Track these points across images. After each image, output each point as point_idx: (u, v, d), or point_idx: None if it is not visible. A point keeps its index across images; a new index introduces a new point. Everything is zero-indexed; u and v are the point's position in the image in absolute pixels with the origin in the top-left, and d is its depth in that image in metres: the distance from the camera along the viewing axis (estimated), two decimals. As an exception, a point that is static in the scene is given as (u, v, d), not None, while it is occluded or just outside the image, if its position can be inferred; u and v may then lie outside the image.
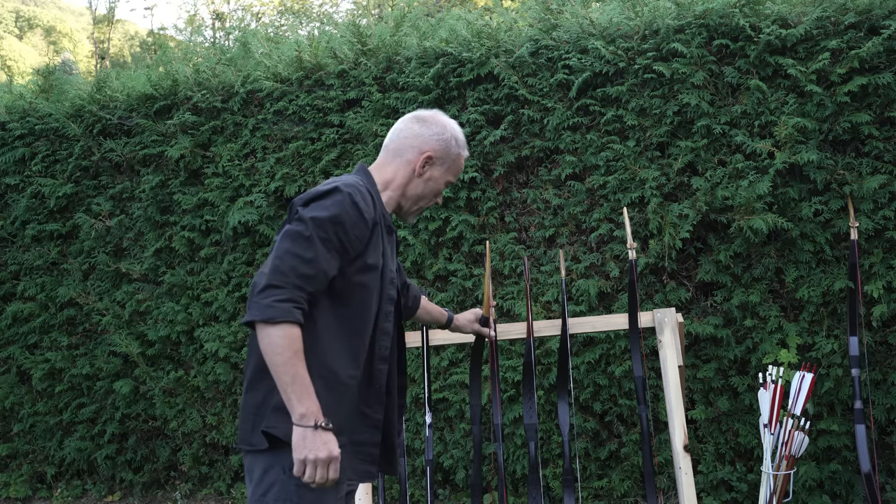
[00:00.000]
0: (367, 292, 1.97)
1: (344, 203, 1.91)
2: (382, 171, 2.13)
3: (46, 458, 5.14)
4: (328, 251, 1.88)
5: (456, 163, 2.19)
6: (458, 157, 2.19)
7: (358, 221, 1.93)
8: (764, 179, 3.68)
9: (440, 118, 2.17)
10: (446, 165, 2.16)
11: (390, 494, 4.39)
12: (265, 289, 1.81)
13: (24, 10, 52.23)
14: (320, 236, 1.87)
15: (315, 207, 1.91)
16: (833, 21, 3.69)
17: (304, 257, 1.84)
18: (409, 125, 2.15)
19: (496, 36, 4.32)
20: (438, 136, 2.13)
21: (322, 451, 1.79)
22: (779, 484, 3.32)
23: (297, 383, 1.80)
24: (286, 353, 1.79)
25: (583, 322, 3.41)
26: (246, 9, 17.48)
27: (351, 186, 1.96)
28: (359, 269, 1.94)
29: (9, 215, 5.18)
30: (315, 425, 1.79)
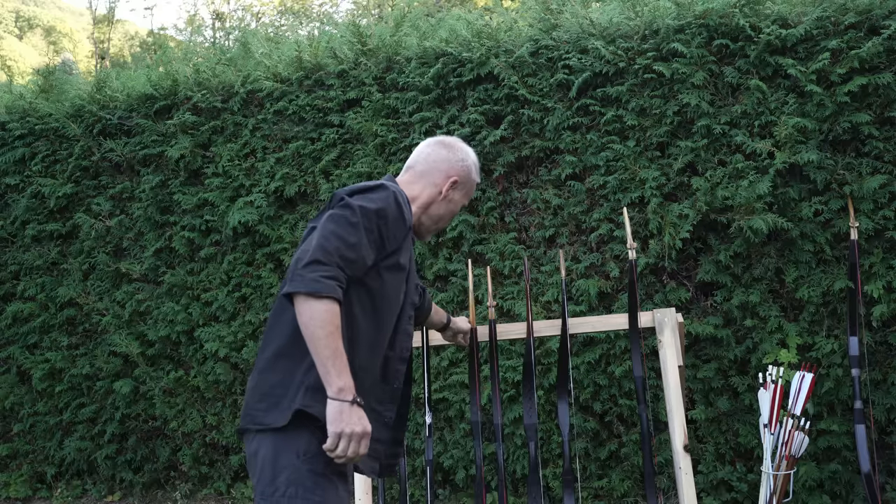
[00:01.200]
0: (394, 290, 2.03)
1: (389, 199, 1.99)
2: (411, 188, 2.21)
3: (46, 458, 5.14)
4: (369, 241, 1.93)
5: (472, 188, 2.33)
6: (474, 182, 2.33)
7: (399, 220, 2.01)
8: (764, 179, 3.68)
9: (462, 145, 2.31)
10: (465, 190, 2.29)
11: (390, 494, 4.39)
12: (311, 263, 1.83)
13: (24, 10, 52.24)
14: (365, 225, 1.92)
15: (363, 198, 1.97)
16: (833, 21, 3.69)
17: (349, 241, 1.89)
18: (436, 149, 2.26)
19: (496, 36, 4.32)
20: (463, 163, 2.26)
21: (357, 426, 1.82)
22: (779, 484, 3.32)
23: (337, 357, 1.82)
24: (328, 326, 1.81)
25: (583, 322, 3.41)
26: (246, 9, 17.49)
27: (394, 186, 2.06)
28: (390, 267, 2.00)
29: (9, 215, 5.18)
30: (353, 400, 1.82)
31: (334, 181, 4.49)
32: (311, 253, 1.85)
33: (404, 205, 2.04)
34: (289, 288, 1.82)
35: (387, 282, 2.00)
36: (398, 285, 2.04)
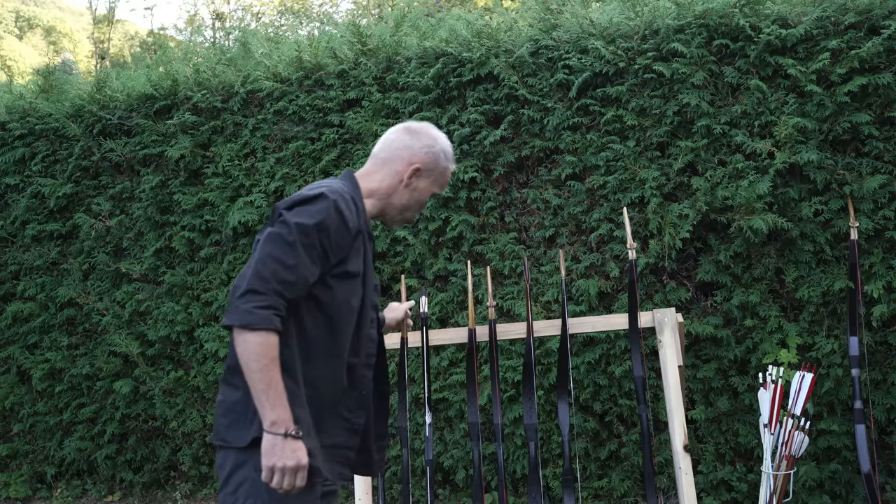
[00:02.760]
0: (347, 298, 1.97)
1: (329, 210, 1.91)
2: (369, 178, 2.14)
3: (46, 458, 5.14)
4: (310, 258, 1.88)
5: (443, 175, 2.20)
6: (446, 170, 2.19)
7: (342, 229, 1.93)
8: (764, 179, 3.68)
9: (431, 131, 2.18)
10: (433, 177, 2.17)
11: (390, 494, 4.39)
12: (246, 293, 1.81)
13: (24, 10, 52.23)
14: (303, 242, 1.86)
15: (300, 213, 1.90)
16: (833, 21, 3.69)
17: (286, 263, 1.84)
18: (400, 136, 2.16)
19: (496, 36, 4.32)
20: (428, 149, 2.14)
21: (290, 460, 1.80)
22: (779, 484, 3.32)
23: (271, 390, 1.80)
24: (263, 360, 1.80)
25: (583, 322, 3.41)
26: (246, 9, 17.48)
27: (336, 193, 1.96)
28: (339, 277, 1.95)
29: (9, 215, 5.18)
30: (285, 433, 1.80)
31: (334, 181, 4.49)
32: (247, 281, 1.82)
33: (347, 210, 1.95)
34: (225, 320, 1.84)
35: (337, 291, 1.95)
36: (351, 292, 1.99)
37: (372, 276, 2.09)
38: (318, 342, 1.95)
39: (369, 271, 2.06)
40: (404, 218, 2.20)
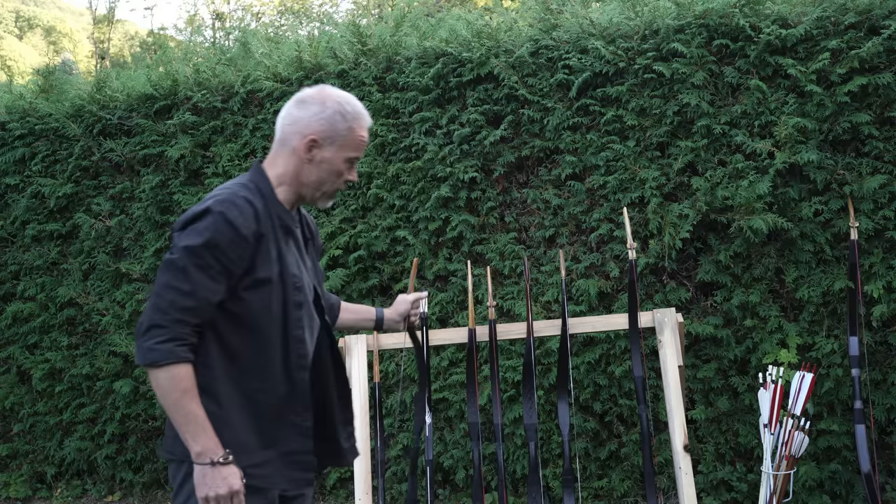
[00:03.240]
0: (264, 307, 1.90)
1: (217, 224, 1.83)
2: (275, 165, 2.00)
3: (46, 458, 5.14)
4: (209, 278, 1.82)
5: (349, 137, 1.98)
6: (350, 130, 1.98)
7: (235, 240, 1.84)
8: (764, 179, 3.68)
9: (321, 95, 1.99)
10: (337, 143, 1.97)
11: (390, 494, 4.39)
12: (147, 330, 1.79)
13: (24, 10, 52.23)
14: (197, 264, 1.80)
15: (189, 234, 1.84)
16: (833, 21, 3.69)
17: (182, 290, 1.80)
18: (289, 111, 2.00)
19: (496, 36, 4.32)
20: (318, 116, 1.95)
21: (222, 488, 1.79)
22: (779, 484, 3.32)
23: (189, 422, 1.79)
24: (174, 394, 1.78)
25: (583, 322, 3.41)
26: (246, 9, 17.48)
27: (225, 202, 1.86)
28: (249, 286, 1.88)
29: (9, 215, 5.18)
30: (212, 462, 1.79)
31: (334, 181, 4.49)
32: (147, 316, 1.80)
33: (240, 217, 1.85)
34: (136, 360, 1.84)
35: (252, 301, 1.88)
36: (268, 299, 1.90)
37: (293, 273, 1.96)
38: (246, 356, 1.90)
39: (287, 270, 1.95)
40: (325, 194, 2.03)
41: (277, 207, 1.97)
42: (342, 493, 4.53)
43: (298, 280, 1.97)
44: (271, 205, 1.96)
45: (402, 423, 4.40)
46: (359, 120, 2.00)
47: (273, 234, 1.93)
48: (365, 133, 2.02)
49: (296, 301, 1.95)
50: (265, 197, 1.95)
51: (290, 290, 1.94)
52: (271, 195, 1.97)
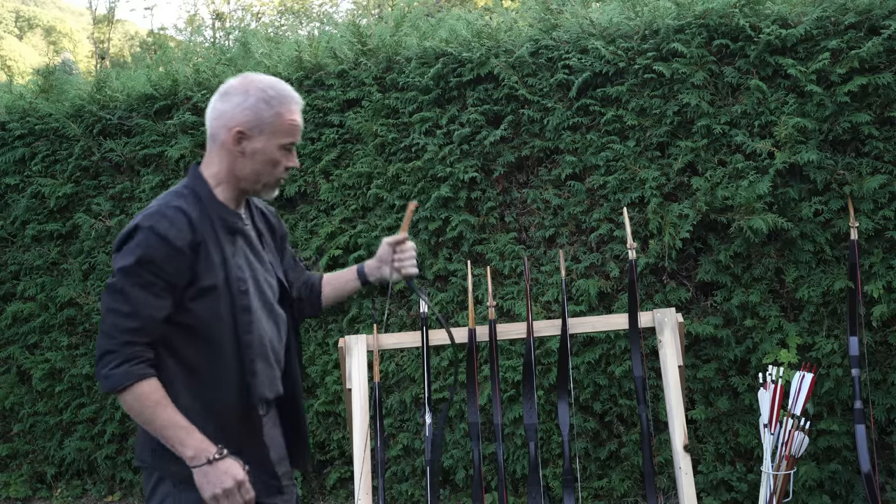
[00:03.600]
0: (214, 315, 1.87)
1: (148, 240, 1.80)
2: (210, 164, 1.95)
3: (46, 458, 5.14)
4: (151, 295, 1.79)
5: (277, 123, 1.90)
6: (277, 116, 1.90)
7: (170, 253, 1.80)
8: (764, 179, 3.68)
9: (243, 84, 1.92)
10: (266, 132, 1.89)
11: (390, 495, 4.39)
12: (101, 358, 1.79)
13: (24, 10, 52.23)
14: (135, 283, 1.78)
15: (123, 254, 1.82)
16: (833, 21, 3.69)
17: (123, 311, 1.78)
18: (214, 105, 1.94)
19: (496, 36, 4.32)
20: (242, 106, 1.89)
21: (227, 481, 1.78)
22: (779, 484, 3.32)
23: (172, 430, 1.78)
24: (146, 411, 1.78)
25: (583, 322, 3.41)
26: (246, 9, 17.49)
27: (154, 216, 1.83)
28: (194, 296, 1.84)
29: (9, 215, 5.18)
30: (209, 461, 1.78)
31: (334, 181, 4.50)
32: (98, 345, 1.80)
33: (172, 228, 1.81)
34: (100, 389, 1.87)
35: (201, 311, 1.85)
36: (216, 306, 1.86)
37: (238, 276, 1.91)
38: (203, 366, 1.87)
39: (233, 273, 1.90)
40: (266, 185, 1.96)
41: (218, 209, 1.92)
42: (342, 493, 4.53)
43: (244, 283, 1.91)
44: (211, 207, 1.91)
45: (402, 423, 4.40)
46: (285, 104, 1.91)
47: (215, 238, 1.89)
48: (295, 116, 1.93)
49: (242, 306, 1.90)
50: (203, 200, 1.91)
51: (236, 295, 1.89)
52: (210, 197, 1.92)
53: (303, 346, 4.55)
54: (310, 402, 4.54)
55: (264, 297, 1.99)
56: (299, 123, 1.95)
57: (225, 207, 1.94)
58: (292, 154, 1.96)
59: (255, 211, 2.09)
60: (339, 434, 4.51)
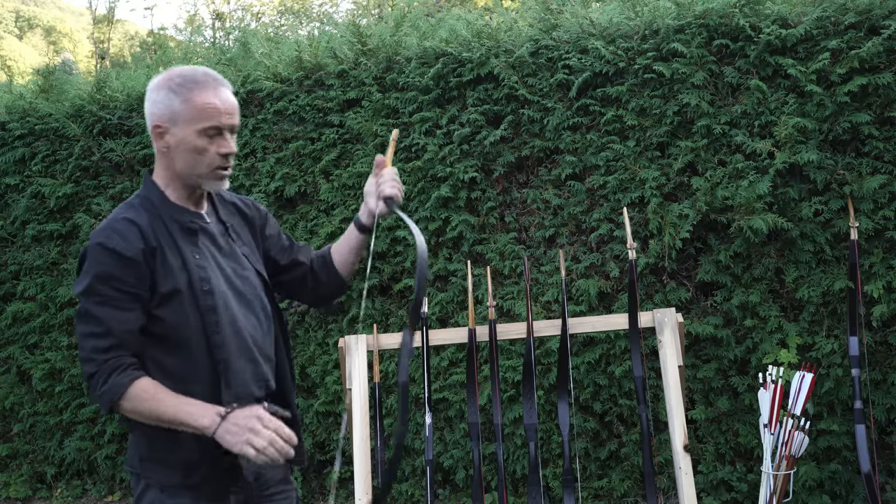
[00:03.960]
0: (181, 318, 1.84)
1: (99, 258, 1.79)
2: (157, 168, 1.93)
3: (46, 458, 5.14)
4: (116, 309, 1.78)
5: (188, 110, 1.83)
6: (187, 102, 1.83)
7: (123, 266, 1.79)
8: (764, 179, 3.68)
9: (157, 80, 1.88)
10: (183, 120, 1.83)
11: (390, 495, 4.39)
12: (89, 382, 1.79)
13: (24, 10, 52.24)
14: (98, 303, 1.78)
15: (80, 277, 1.82)
16: (833, 21, 3.69)
17: (97, 332, 1.77)
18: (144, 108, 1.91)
19: (496, 36, 4.32)
20: (154, 101, 1.86)
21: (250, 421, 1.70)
22: (779, 484, 3.32)
23: (178, 412, 1.75)
24: (147, 408, 1.76)
25: (583, 322, 3.41)
26: (246, 9, 17.48)
27: (102, 232, 1.82)
28: (159, 304, 1.83)
29: (9, 215, 5.18)
30: (222, 417, 1.72)
31: (334, 181, 4.50)
32: (83, 371, 1.80)
33: (120, 241, 1.80)
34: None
35: (167, 317, 1.83)
36: (181, 310, 1.83)
37: (202, 276, 1.87)
38: (183, 374, 1.85)
39: (195, 275, 1.86)
40: (203, 176, 1.89)
41: (172, 211, 1.90)
42: (342, 494, 4.53)
43: (206, 283, 1.87)
44: (165, 211, 1.89)
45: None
46: (194, 89, 1.84)
47: (172, 242, 1.86)
48: (208, 96, 1.84)
49: (207, 306, 1.86)
50: (156, 205, 1.89)
51: (200, 296, 1.86)
52: (162, 200, 1.90)
53: (303, 347, 4.56)
54: (310, 402, 4.54)
55: (239, 293, 1.94)
56: (216, 104, 1.85)
57: (179, 208, 1.92)
58: (224, 139, 1.87)
59: (222, 205, 2.04)
60: (340, 434, 4.51)
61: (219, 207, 2.02)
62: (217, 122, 1.85)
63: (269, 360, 2.00)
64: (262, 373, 1.96)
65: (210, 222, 1.97)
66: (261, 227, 2.10)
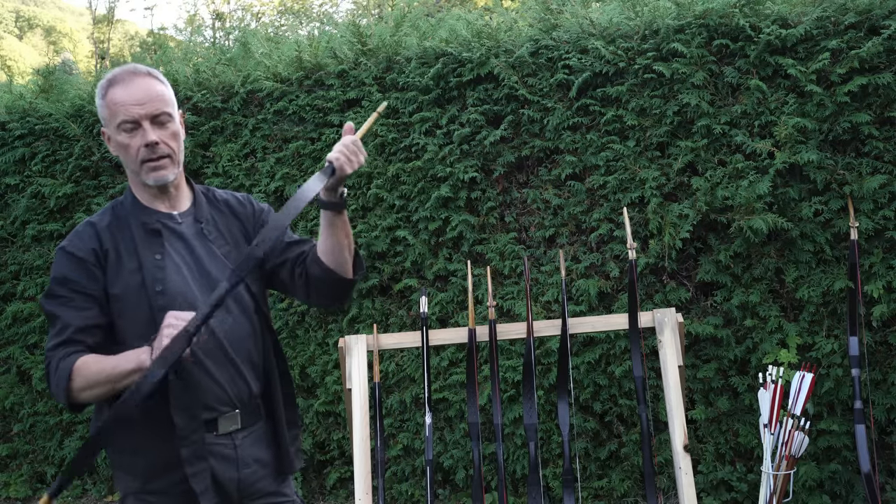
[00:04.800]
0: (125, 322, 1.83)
1: (58, 261, 1.85)
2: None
3: (46, 458, 5.14)
4: (73, 309, 1.80)
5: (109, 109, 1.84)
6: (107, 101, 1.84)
7: (76, 265, 1.83)
8: (764, 179, 3.68)
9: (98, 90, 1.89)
10: (108, 121, 1.85)
11: (390, 495, 4.39)
12: (46, 380, 1.86)
13: (24, 10, 52.23)
14: (58, 303, 1.81)
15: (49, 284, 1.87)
16: (833, 21, 3.69)
17: (54, 331, 1.81)
18: None
19: (496, 36, 4.32)
20: (98, 110, 1.89)
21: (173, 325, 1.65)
22: (779, 484, 3.32)
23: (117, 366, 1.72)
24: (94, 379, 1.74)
25: (583, 322, 3.41)
26: (246, 9, 17.49)
27: (67, 238, 1.88)
28: (113, 304, 1.84)
29: (9, 215, 5.18)
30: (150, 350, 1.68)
31: (334, 181, 4.49)
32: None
33: (79, 243, 1.84)
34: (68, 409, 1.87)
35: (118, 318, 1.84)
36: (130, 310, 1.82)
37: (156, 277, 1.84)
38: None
39: (149, 276, 1.83)
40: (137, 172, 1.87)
41: (140, 213, 1.90)
42: (342, 494, 4.53)
43: (160, 284, 1.84)
44: (133, 213, 1.89)
45: (402, 423, 4.40)
46: (109, 88, 1.84)
47: (131, 244, 1.86)
48: (116, 93, 1.83)
49: (159, 306, 1.81)
50: (125, 208, 1.91)
51: (153, 297, 1.83)
52: (132, 203, 1.91)
53: (303, 347, 4.56)
54: (310, 402, 4.55)
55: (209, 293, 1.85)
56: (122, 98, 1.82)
57: (147, 210, 1.91)
58: (142, 129, 1.83)
59: (209, 204, 2.01)
60: (339, 434, 4.52)
61: (201, 206, 1.98)
62: (126, 116, 1.81)
63: (250, 362, 1.93)
64: (238, 374, 1.90)
65: (182, 223, 1.93)
66: (255, 224, 2.04)
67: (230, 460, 1.90)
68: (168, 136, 1.86)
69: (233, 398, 1.89)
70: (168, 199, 1.93)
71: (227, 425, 1.89)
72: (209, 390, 1.85)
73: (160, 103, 1.85)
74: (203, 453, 1.83)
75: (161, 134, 1.85)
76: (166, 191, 1.92)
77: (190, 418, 1.81)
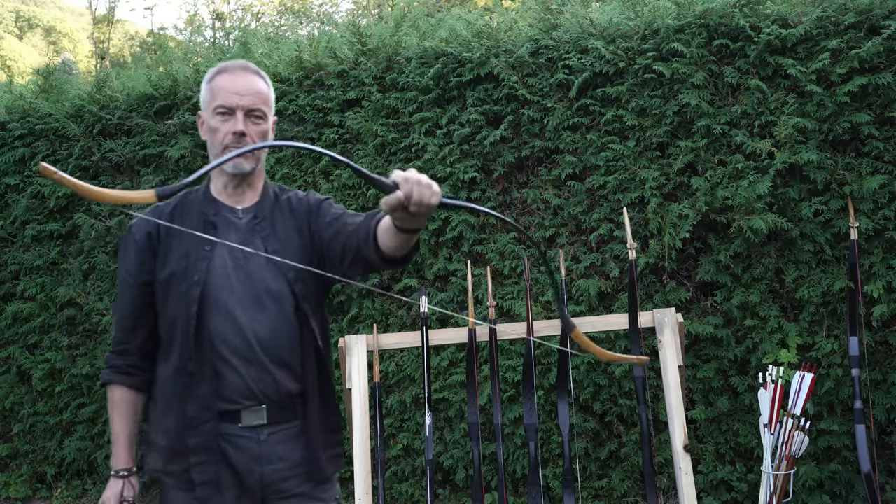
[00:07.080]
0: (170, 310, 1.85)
1: (123, 241, 1.96)
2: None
3: (46, 458, 5.14)
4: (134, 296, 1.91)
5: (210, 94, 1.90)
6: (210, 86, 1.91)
7: (131, 246, 1.91)
8: (764, 179, 3.68)
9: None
10: (205, 104, 1.91)
11: (390, 495, 4.39)
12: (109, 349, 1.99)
13: (24, 10, 52.22)
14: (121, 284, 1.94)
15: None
16: (833, 21, 3.69)
17: (117, 318, 1.99)
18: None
19: (496, 36, 4.32)
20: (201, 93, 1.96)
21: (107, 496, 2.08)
22: (779, 484, 3.32)
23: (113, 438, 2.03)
24: (112, 412, 2.03)
25: (583, 322, 3.41)
26: (246, 9, 17.48)
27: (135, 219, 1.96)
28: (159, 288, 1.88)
29: (9, 215, 5.18)
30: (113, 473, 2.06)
31: (334, 181, 4.50)
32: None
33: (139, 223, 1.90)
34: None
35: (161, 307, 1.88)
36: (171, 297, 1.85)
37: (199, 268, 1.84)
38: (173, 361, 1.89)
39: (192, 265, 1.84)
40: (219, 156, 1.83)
41: (205, 204, 1.92)
42: (342, 494, 4.53)
43: (197, 273, 1.83)
44: (201, 203, 1.92)
45: (402, 423, 4.40)
46: (218, 76, 1.91)
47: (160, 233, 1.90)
48: (223, 79, 1.89)
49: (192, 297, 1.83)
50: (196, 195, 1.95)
51: (190, 286, 1.83)
52: (204, 193, 1.95)
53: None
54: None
55: (253, 289, 1.85)
56: (227, 85, 1.87)
57: (213, 201, 1.92)
58: (234, 118, 1.86)
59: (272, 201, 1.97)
60: (339, 434, 4.51)
61: (264, 204, 1.96)
62: (224, 101, 1.86)
63: (282, 362, 1.87)
64: (264, 372, 1.85)
65: (243, 218, 1.92)
66: (311, 220, 1.95)
67: (253, 454, 1.86)
68: (257, 132, 1.89)
69: (257, 393, 1.84)
70: (238, 192, 1.93)
71: (252, 419, 1.85)
72: (231, 383, 1.83)
73: (258, 100, 1.89)
74: (212, 445, 1.82)
75: (251, 128, 1.88)
76: (240, 184, 1.92)
77: (203, 408, 1.82)
